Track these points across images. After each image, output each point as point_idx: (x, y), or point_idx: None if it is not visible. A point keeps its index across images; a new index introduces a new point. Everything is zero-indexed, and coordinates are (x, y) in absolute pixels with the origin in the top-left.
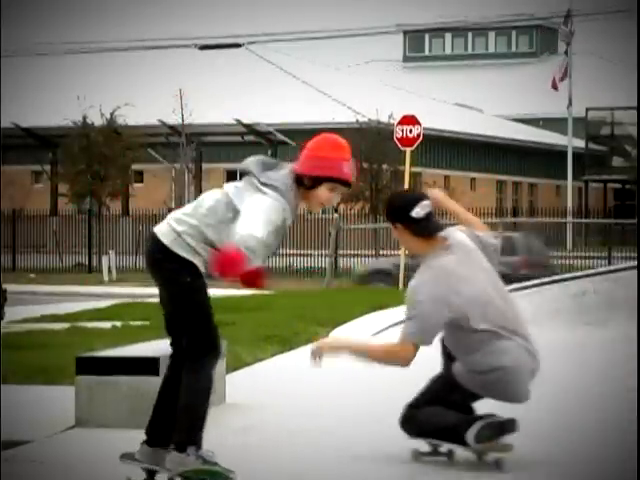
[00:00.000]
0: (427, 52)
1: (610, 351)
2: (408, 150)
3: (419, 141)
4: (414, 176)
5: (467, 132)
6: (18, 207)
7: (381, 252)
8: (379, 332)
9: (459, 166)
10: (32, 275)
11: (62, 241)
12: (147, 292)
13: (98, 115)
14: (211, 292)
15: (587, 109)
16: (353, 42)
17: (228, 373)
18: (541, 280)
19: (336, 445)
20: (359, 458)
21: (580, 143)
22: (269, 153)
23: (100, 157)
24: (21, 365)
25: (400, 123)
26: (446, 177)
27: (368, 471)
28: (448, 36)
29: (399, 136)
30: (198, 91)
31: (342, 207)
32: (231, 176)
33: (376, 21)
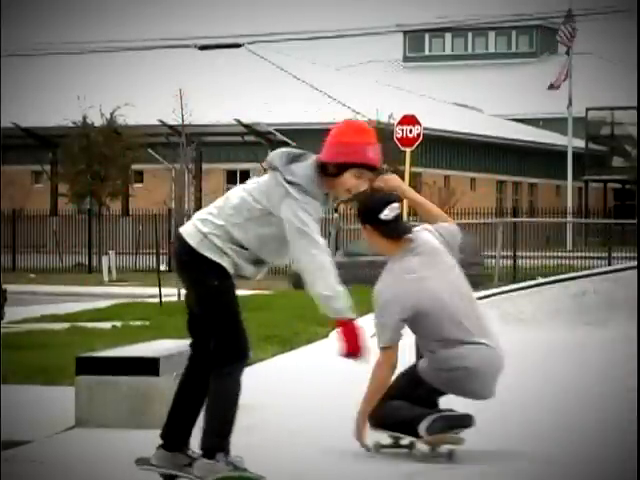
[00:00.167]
0: (427, 52)
1: (610, 351)
2: (408, 150)
3: (419, 141)
4: (414, 176)
5: (467, 132)
6: (18, 207)
7: None
8: None
9: (459, 166)
10: (32, 275)
11: (62, 241)
12: (147, 292)
13: (98, 115)
14: None
15: (587, 109)
16: (353, 42)
17: None
18: (541, 280)
19: (337, 445)
20: (359, 458)
21: (580, 143)
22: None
23: (100, 157)
24: (21, 365)
25: (400, 123)
26: (446, 177)
27: (368, 471)
28: (448, 36)
29: (399, 136)
30: (198, 91)
31: (342, 207)
32: (231, 176)
33: (376, 21)
